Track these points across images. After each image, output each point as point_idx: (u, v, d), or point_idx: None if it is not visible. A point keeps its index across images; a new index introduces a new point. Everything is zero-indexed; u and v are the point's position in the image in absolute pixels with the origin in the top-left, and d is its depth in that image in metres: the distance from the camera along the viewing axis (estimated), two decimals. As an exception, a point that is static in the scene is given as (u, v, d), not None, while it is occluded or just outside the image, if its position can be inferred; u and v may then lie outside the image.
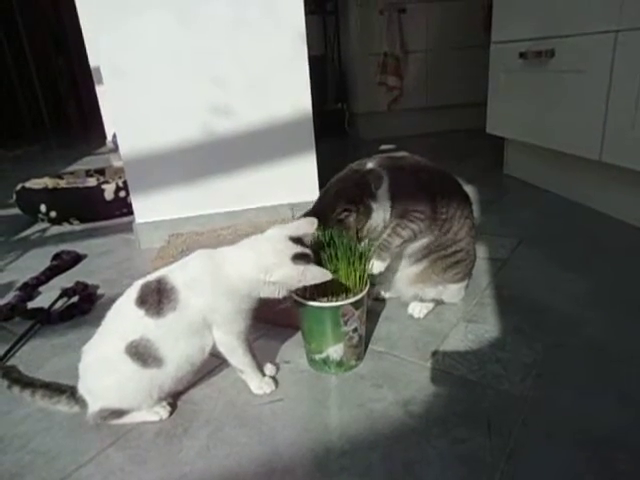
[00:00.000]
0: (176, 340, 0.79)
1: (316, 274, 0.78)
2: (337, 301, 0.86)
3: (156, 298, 0.78)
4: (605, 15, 1.41)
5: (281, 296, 0.83)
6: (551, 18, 1.66)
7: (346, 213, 0.97)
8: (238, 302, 0.82)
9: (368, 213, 0.98)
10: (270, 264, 0.79)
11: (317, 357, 0.92)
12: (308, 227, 0.85)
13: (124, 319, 0.80)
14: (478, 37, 2.92)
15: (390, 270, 1.09)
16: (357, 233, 0.99)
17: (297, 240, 0.83)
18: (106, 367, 0.79)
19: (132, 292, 0.81)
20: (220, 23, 1.50)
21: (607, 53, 1.41)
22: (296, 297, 0.88)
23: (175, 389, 0.85)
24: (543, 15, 1.70)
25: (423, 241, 1.03)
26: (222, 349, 0.84)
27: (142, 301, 0.79)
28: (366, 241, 0.98)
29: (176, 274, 0.81)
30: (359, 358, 0.96)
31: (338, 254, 0.88)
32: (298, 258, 0.80)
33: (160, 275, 0.82)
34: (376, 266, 0.98)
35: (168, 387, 0.83)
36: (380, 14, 3.03)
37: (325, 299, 0.88)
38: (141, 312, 0.78)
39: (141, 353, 0.77)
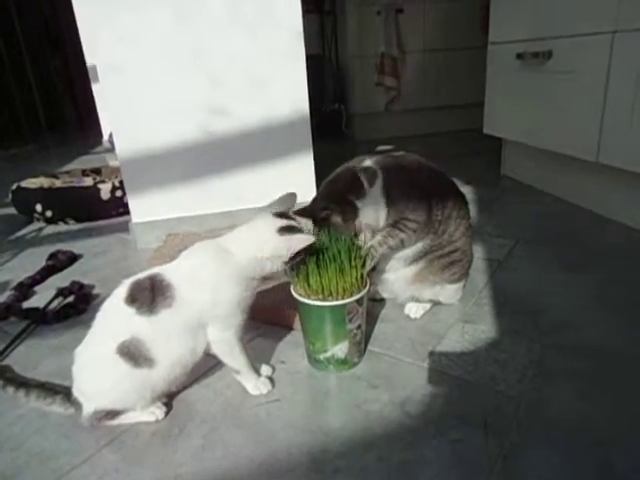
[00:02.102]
0: (168, 340, 0.78)
1: (301, 239, 0.82)
2: (337, 300, 0.86)
3: (149, 296, 0.78)
4: (602, 16, 1.41)
5: (279, 268, 0.84)
6: (548, 19, 1.67)
7: (327, 212, 0.97)
8: (243, 287, 0.82)
9: (353, 212, 0.97)
10: (260, 241, 0.82)
11: (322, 357, 0.92)
12: (290, 202, 0.92)
13: (114, 319, 0.80)
14: (475, 38, 2.93)
15: (387, 271, 1.09)
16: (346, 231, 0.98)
17: (281, 214, 0.86)
18: (98, 368, 0.79)
19: (121, 291, 0.80)
20: (218, 22, 1.50)
21: (604, 54, 1.41)
22: (299, 297, 0.88)
23: (169, 390, 0.85)
24: (540, 16, 1.70)
25: (418, 245, 1.03)
26: (218, 349, 0.84)
27: (133, 299, 0.78)
28: (362, 239, 0.98)
29: (173, 271, 0.81)
30: (361, 355, 0.96)
31: (341, 253, 0.87)
32: (283, 230, 0.83)
33: (152, 273, 0.81)
34: None
35: (161, 388, 0.82)
36: (377, 14, 3.03)
37: (319, 299, 0.87)
38: (131, 310, 0.77)
39: (132, 353, 0.77)
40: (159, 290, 0.78)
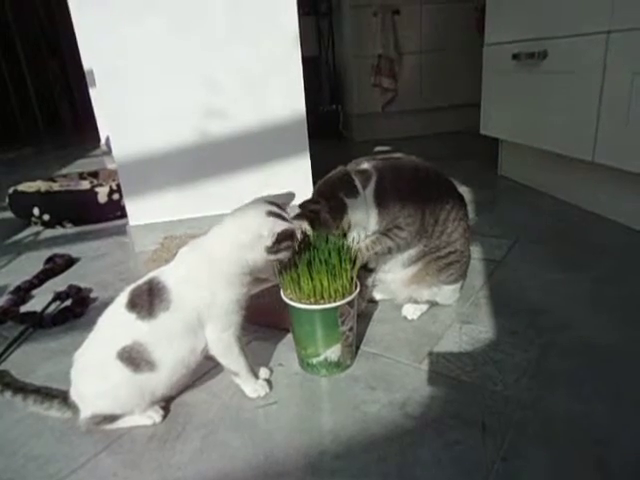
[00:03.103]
0: (169, 342, 0.79)
1: (285, 224, 0.79)
2: (329, 303, 0.86)
3: (147, 300, 0.78)
4: (596, 16, 1.42)
5: (263, 256, 0.80)
6: (544, 19, 1.67)
7: (317, 206, 0.96)
8: (237, 285, 0.81)
9: (342, 210, 0.97)
10: (245, 221, 0.81)
11: (314, 361, 0.92)
12: (286, 199, 0.88)
13: (115, 325, 0.80)
14: (472, 39, 2.93)
15: (384, 272, 1.09)
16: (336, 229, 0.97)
17: (273, 203, 0.84)
18: (98, 373, 0.78)
19: (122, 298, 0.81)
20: (214, 25, 1.50)
21: (599, 54, 1.42)
22: (290, 302, 0.88)
23: (169, 394, 0.85)
24: (536, 16, 1.71)
25: (410, 251, 1.03)
26: (217, 351, 0.84)
27: (133, 305, 0.78)
28: (350, 238, 0.98)
29: (168, 273, 0.81)
30: (353, 357, 0.96)
31: (332, 255, 0.88)
32: (271, 214, 0.80)
33: (150, 277, 0.82)
34: None
35: (161, 392, 0.82)
36: (374, 16, 3.03)
37: (310, 303, 0.87)
38: (132, 316, 0.78)
39: (134, 358, 0.77)
40: (156, 294, 0.79)
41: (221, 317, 0.82)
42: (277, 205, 0.84)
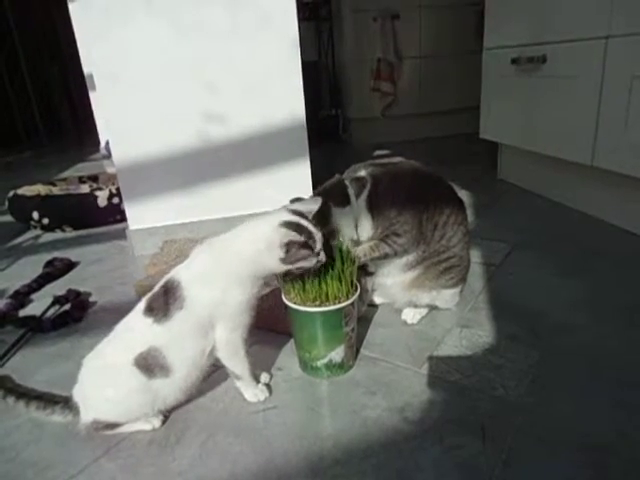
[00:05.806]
0: (183, 342, 0.79)
1: (293, 234, 0.78)
2: (331, 305, 0.86)
3: (163, 301, 0.79)
4: (595, 21, 1.42)
5: (278, 268, 0.81)
6: (543, 24, 1.68)
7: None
8: (248, 286, 0.82)
9: (324, 216, 0.96)
10: (260, 231, 0.80)
11: (319, 363, 0.92)
12: (312, 204, 0.87)
13: (132, 331, 0.80)
14: (471, 43, 2.93)
15: (384, 277, 1.09)
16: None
17: (296, 212, 0.83)
18: (109, 380, 0.78)
19: (140, 305, 0.81)
20: (214, 30, 1.50)
21: (598, 59, 1.42)
22: (293, 305, 0.88)
23: (179, 401, 0.84)
24: (535, 21, 1.72)
25: (409, 257, 1.03)
26: (224, 351, 0.84)
27: (150, 309, 0.79)
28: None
29: (182, 272, 0.81)
30: (354, 358, 0.97)
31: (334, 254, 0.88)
32: (286, 225, 0.80)
33: (165, 279, 0.82)
34: None
35: (173, 398, 0.82)
36: (374, 20, 3.04)
37: (315, 305, 0.87)
38: (149, 320, 0.78)
39: (149, 364, 0.77)
40: (172, 293, 0.79)
41: (231, 317, 0.82)
42: (300, 214, 0.83)
